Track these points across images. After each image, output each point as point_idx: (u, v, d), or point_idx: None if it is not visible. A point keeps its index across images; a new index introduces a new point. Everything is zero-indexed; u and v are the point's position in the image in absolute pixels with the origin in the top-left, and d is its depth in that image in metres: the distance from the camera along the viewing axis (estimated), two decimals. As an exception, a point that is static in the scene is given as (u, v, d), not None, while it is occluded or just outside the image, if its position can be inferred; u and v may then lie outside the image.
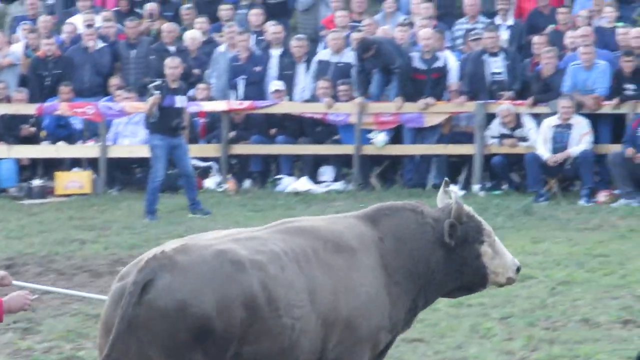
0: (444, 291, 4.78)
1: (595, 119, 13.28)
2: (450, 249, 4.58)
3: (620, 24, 14.08)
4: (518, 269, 4.82)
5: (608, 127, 13.53)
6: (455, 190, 5.64)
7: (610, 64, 13.40)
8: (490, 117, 13.45)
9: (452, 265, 4.65)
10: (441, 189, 4.80)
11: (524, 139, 13.44)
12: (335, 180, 13.54)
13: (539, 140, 13.26)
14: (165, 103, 12.23)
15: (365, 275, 4.45)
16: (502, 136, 13.49)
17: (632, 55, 13.10)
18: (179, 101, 12.37)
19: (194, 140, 13.80)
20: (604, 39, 13.87)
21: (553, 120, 13.10)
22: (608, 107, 13.21)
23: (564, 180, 13.39)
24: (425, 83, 13.55)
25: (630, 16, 14.56)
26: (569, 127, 13.11)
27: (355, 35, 13.95)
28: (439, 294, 4.80)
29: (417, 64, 13.46)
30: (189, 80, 13.68)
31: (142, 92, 13.94)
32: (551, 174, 13.19)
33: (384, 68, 13.58)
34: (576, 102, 13.00)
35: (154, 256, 4.14)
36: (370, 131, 13.58)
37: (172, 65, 12.75)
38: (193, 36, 14.52)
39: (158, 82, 12.79)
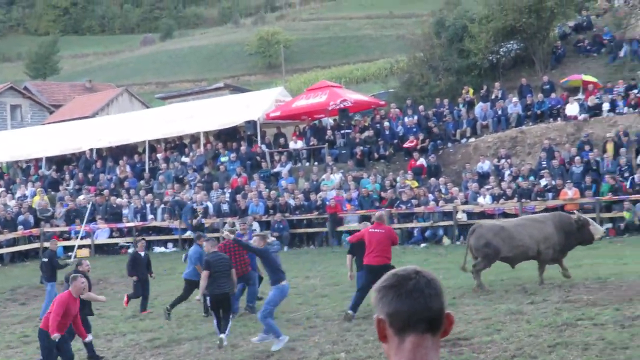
0: (577, 242, 12.26)
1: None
2: (577, 228, 12.03)
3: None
4: (602, 236, 13.47)
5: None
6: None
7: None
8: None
9: (578, 232, 12.05)
10: None
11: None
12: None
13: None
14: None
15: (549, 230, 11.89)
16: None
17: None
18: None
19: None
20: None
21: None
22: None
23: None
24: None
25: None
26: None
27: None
28: (576, 244, 12.22)
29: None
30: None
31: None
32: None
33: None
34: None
35: (478, 224, 12.50)
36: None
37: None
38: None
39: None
